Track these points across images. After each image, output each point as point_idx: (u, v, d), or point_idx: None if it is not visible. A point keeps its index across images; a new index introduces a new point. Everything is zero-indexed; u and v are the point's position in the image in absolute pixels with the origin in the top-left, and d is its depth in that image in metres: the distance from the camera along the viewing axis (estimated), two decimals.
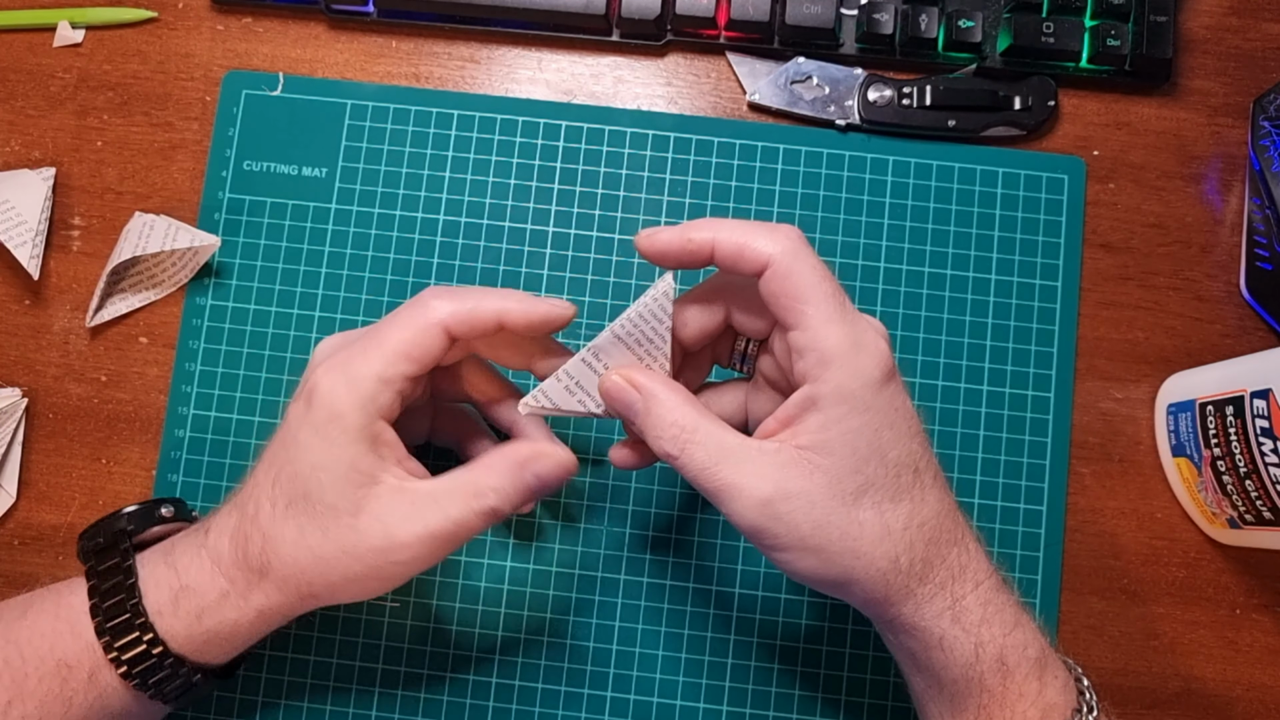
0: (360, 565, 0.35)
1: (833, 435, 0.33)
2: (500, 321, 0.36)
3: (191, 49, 0.50)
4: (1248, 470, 0.41)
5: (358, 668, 0.45)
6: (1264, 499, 0.41)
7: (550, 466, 0.36)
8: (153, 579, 0.37)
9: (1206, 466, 0.43)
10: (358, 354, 0.35)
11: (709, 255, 0.34)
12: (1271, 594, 0.46)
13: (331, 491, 0.35)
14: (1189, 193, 0.49)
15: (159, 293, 0.48)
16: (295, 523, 0.35)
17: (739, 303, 0.36)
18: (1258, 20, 0.50)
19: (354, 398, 0.34)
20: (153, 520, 0.40)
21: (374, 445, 0.35)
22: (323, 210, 0.48)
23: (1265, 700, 0.45)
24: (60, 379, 0.47)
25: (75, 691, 0.36)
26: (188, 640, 0.36)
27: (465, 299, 0.36)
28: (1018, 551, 0.46)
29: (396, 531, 0.34)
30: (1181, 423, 0.45)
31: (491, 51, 0.50)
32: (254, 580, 0.36)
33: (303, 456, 0.35)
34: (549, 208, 0.48)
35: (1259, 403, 0.40)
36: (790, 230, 0.34)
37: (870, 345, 0.33)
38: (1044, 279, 0.48)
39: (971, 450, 0.47)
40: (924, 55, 0.49)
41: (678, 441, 0.34)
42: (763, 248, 0.33)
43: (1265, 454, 0.40)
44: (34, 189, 0.47)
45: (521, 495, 0.36)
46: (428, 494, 0.35)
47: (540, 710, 0.45)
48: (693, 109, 0.50)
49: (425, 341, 0.35)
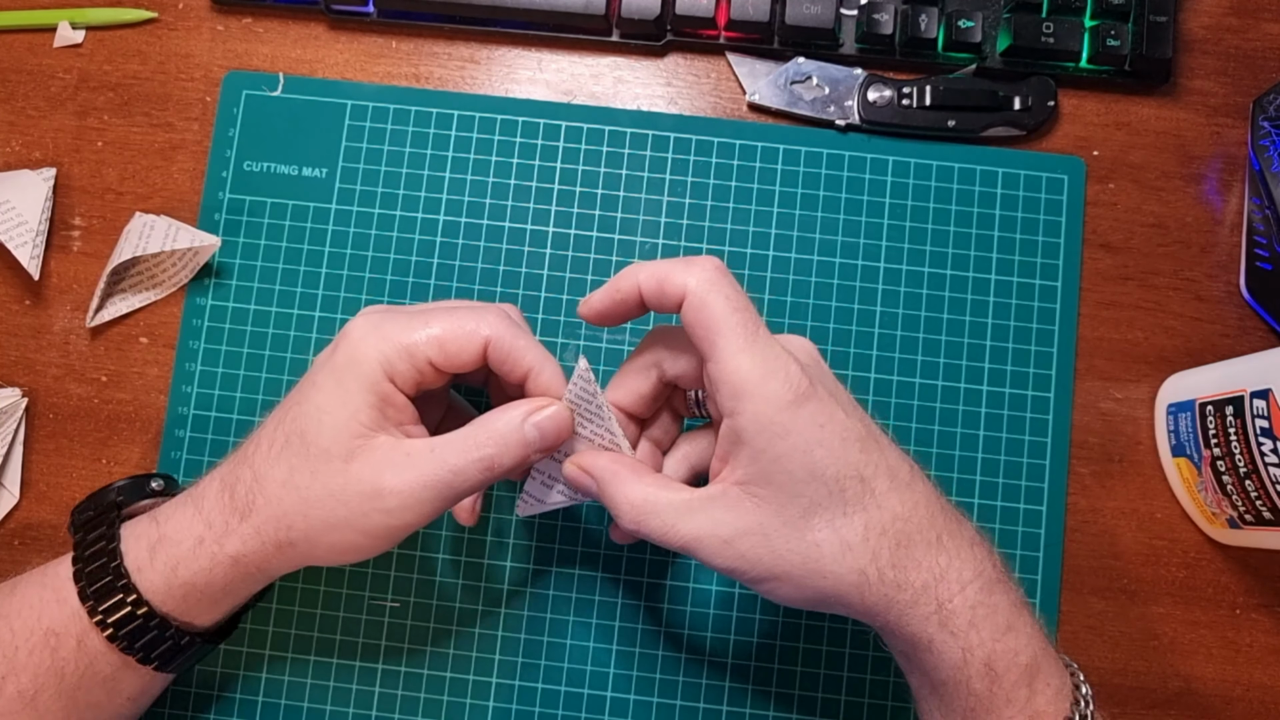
0: (345, 510, 0.35)
1: (764, 465, 0.33)
2: (527, 380, 0.37)
3: (191, 49, 0.50)
4: (1247, 470, 0.41)
5: (358, 668, 0.45)
6: (1264, 499, 0.41)
7: (548, 418, 0.36)
8: (134, 535, 0.37)
9: (1206, 466, 0.43)
10: (399, 319, 0.36)
11: (639, 299, 0.35)
12: (1271, 594, 0.46)
13: (329, 435, 0.35)
14: (1189, 193, 0.49)
15: (159, 293, 0.48)
16: (287, 463, 0.35)
17: (666, 356, 0.37)
18: (1258, 20, 0.50)
19: (376, 352, 0.35)
20: (143, 493, 0.40)
21: (382, 404, 0.35)
22: (323, 210, 0.48)
23: (1265, 700, 0.45)
24: (60, 379, 0.48)
25: (65, 660, 0.36)
26: (167, 594, 0.36)
27: (519, 336, 0.36)
28: (1018, 551, 0.46)
29: (387, 479, 0.34)
30: (1181, 423, 0.45)
31: (491, 51, 0.50)
32: (233, 523, 0.36)
33: (312, 396, 0.36)
34: (549, 208, 0.48)
35: (1259, 403, 0.40)
36: (708, 262, 0.34)
37: (780, 369, 0.33)
38: (1044, 279, 0.48)
39: (971, 450, 0.47)
40: (924, 55, 0.49)
41: (634, 516, 0.35)
42: (679, 280, 0.34)
43: (1265, 454, 0.40)
44: (34, 189, 0.47)
45: (520, 448, 0.36)
46: (425, 446, 0.35)
47: (540, 710, 0.45)
48: (693, 109, 0.50)
49: (461, 343, 0.36)
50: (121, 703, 0.38)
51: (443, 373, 0.36)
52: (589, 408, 0.37)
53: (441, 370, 0.36)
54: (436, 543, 0.46)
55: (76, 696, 0.36)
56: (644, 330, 0.43)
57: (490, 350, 0.36)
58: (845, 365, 0.47)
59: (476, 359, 0.36)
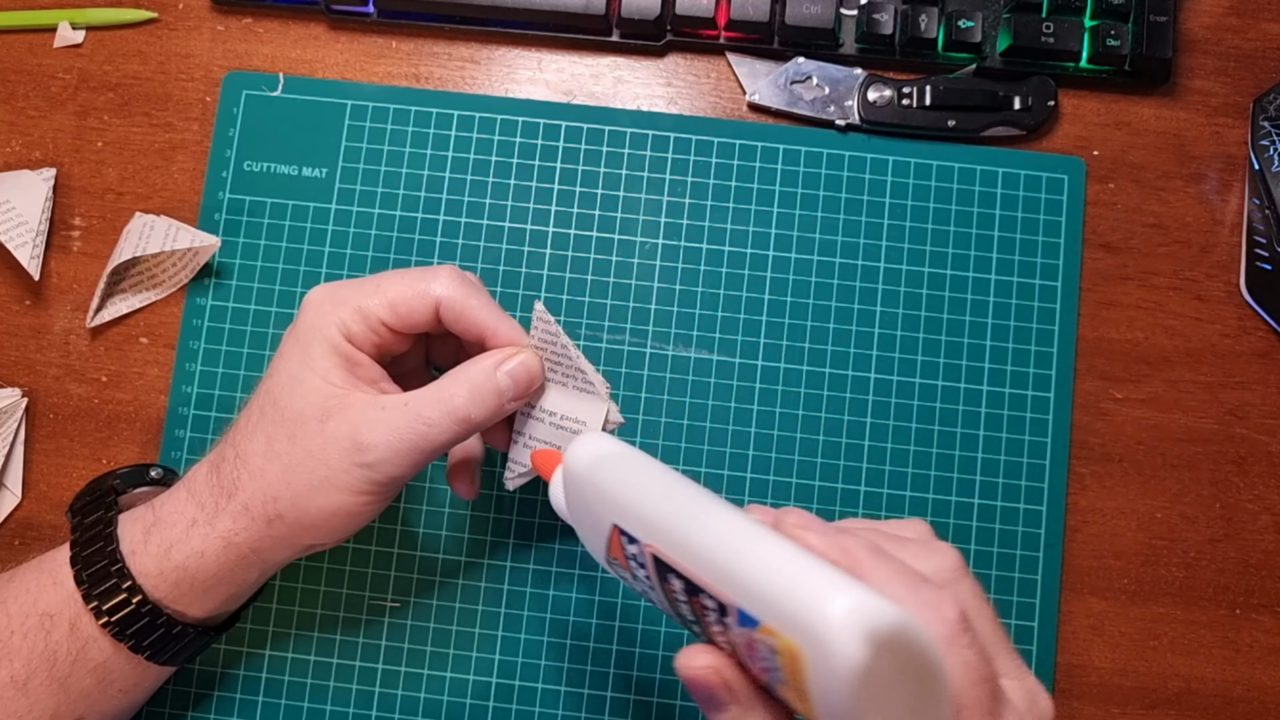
0: (326, 469, 0.35)
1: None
2: (485, 340, 0.37)
3: (192, 49, 0.50)
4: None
5: (358, 668, 0.45)
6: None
7: (519, 364, 0.36)
8: (130, 519, 0.37)
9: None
10: (355, 284, 0.37)
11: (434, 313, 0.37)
12: (1271, 594, 0.46)
13: (301, 399, 0.35)
14: (1189, 193, 0.49)
15: (159, 293, 0.48)
16: (264, 433, 0.36)
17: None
18: (1258, 20, 0.50)
19: (333, 314, 0.36)
20: (142, 480, 0.41)
21: (348, 364, 0.36)
22: (323, 210, 0.48)
23: (1265, 700, 0.45)
24: (61, 379, 0.48)
25: (58, 645, 0.36)
26: (159, 579, 0.36)
27: (471, 295, 0.37)
28: (1018, 551, 0.46)
29: (364, 434, 0.35)
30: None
31: (491, 51, 0.50)
32: (222, 503, 0.36)
33: (281, 366, 0.37)
34: (549, 208, 0.48)
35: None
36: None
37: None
38: (1044, 279, 0.48)
39: (971, 450, 0.47)
40: (924, 55, 0.49)
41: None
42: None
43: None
44: (34, 189, 0.47)
45: (494, 397, 0.36)
46: (399, 401, 0.36)
47: (540, 710, 0.45)
48: (693, 109, 0.50)
49: (413, 303, 0.36)
50: (113, 694, 0.37)
51: (399, 334, 0.37)
52: (555, 350, 0.37)
53: (396, 331, 0.37)
54: (436, 543, 0.46)
55: (68, 684, 0.36)
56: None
57: (443, 310, 0.37)
58: (845, 365, 0.47)
59: (430, 319, 0.37)
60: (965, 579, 0.29)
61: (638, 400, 0.47)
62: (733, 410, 0.47)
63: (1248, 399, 0.47)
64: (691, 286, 0.48)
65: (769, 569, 0.26)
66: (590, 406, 0.37)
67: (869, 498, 0.46)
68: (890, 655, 0.24)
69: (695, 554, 0.28)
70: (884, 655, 0.24)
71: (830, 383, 0.47)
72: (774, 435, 0.46)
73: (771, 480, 0.46)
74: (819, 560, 0.26)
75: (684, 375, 0.47)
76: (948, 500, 0.46)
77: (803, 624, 0.24)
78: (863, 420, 0.47)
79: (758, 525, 0.28)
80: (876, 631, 0.24)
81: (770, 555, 0.26)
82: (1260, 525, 0.46)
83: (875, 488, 0.46)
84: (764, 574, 0.26)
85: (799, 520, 0.29)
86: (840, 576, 0.25)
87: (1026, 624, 0.45)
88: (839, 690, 0.24)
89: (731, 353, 0.47)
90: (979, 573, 0.45)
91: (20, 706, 0.35)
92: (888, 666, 0.24)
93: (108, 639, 0.36)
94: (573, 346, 0.37)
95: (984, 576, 0.45)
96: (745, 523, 0.28)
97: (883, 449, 0.46)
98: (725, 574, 0.27)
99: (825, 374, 0.47)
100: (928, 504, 0.46)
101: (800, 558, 0.26)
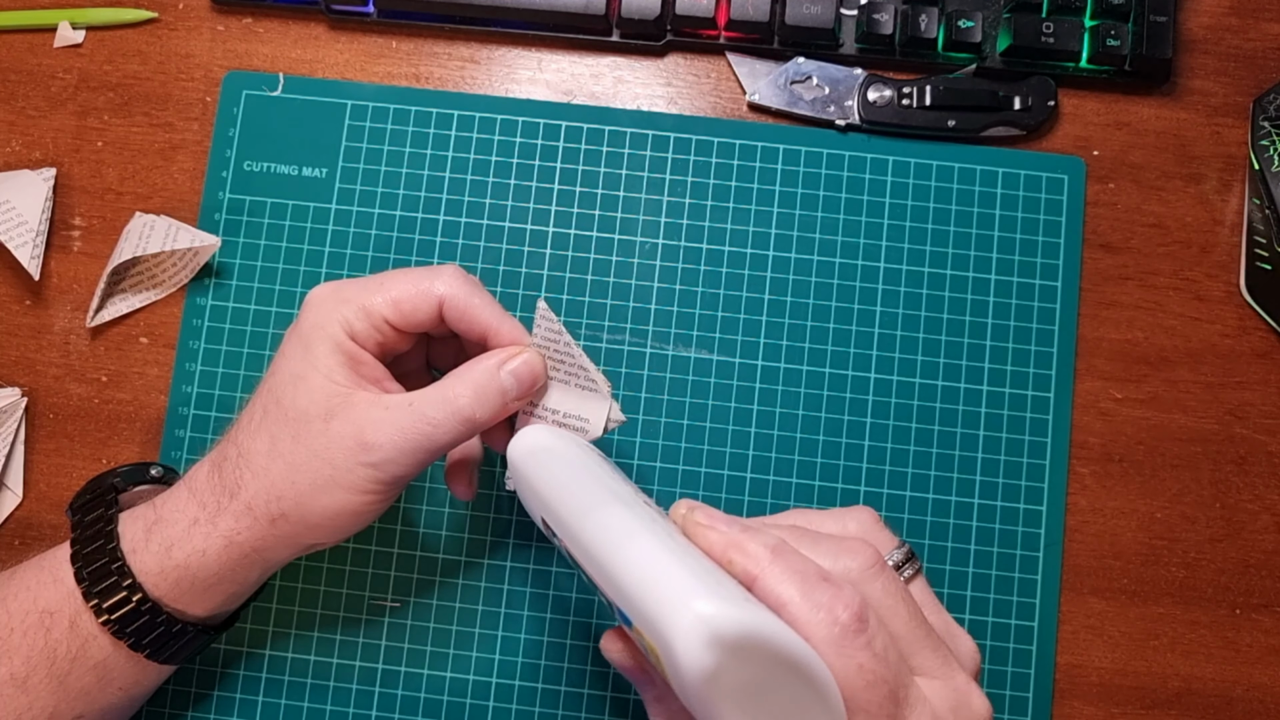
0: (330, 469, 0.35)
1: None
2: (488, 339, 0.37)
3: (192, 49, 0.50)
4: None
5: (358, 668, 0.45)
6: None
7: (522, 364, 0.36)
8: (131, 518, 0.37)
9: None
10: (358, 282, 0.37)
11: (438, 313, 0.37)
12: (1271, 594, 0.46)
13: (304, 398, 0.35)
14: (1189, 193, 0.49)
15: (159, 293, 0.48)
16: (268, 432, 0.36)
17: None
18: (1258, 20, 0.50)
19: (336, 313, 0.36)
20: (143, 478, 0.41)
21: (352, 362, 0.36)
22: (323, 210, 0.48)
23: (1265, 700, 0.45)
24: (61, 379, 0.48)
25: (58, 642, 0.36)
26: (160, 578, 0.36)
27: (474, 294, 0.37)
28: (1018, 551, 0.46)
29: (369, 433, 0.35)
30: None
31: (491, 52, 0.50)
32: (224, 501, 0.36)
33: (284, 365, 0.36)
34: (549, 208, 0.48)
35: None
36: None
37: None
38: (1044, 279, 0.48)
39: (971, 450, 0.47)
40: (924, 55, 0.49)
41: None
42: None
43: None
44: (34, 189, 0.47)
45: (497, 396, 0.36)
46: (403, 400, 0.35)
47: (540, 710, 0.45)
48: (693, 109, 0.50)
49: (416, 301, 0.36)
50: (112, 693, 0.37)
51: (402, 333, 0.37)
52: (557, 349, 0.37)
53: (399, 329, 0.37)
54: (436, 542, 0.46)
55: (67, 682, 0.36)
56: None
57: (446, 308, 0.37)
58: (845, 365, 0.47)
59: (433, 318, 0.37)
60: (878, 577, 0.29)
61: (638, 400, 0.47)
62: (733, 410, 0.47)
63: (1248, 399, 0.47)
64: (691, 286, 0.48)
65: (635, 572, 0.26)
66: (592, 405, 0.37)
67: (869, 498, 0.46)
68: (742, 660, 0.24)
69: (586, 552, 0.29)
70: (733, 660, 0.24)
71: (830, 383, 0.47)
72: (774, 435, 0.46)
73: (771, 480, 0.46)
74: (693, 563, 0.26)
75: (684, 375, 0.47)
76: (948, 500, 0.46)
77: (657, 629, 0.25)
78: (863, 420, 0.47)
79: (645, 525, 0.28)
80: (723, 638, 0.24)
81: (639, 558, 0.27)
82: (1260, 525, 0.46)
83: (875, 488, 0.46)
84: (630, 577, 0.26)
85: (703, 518, 0.29)
86: (700, 582, 0.25)
87: (1026, 624, 0.45)
88: (691, 693, 0.24)
89: (731, 353, 0.47)
90: (979, 573, 0.45)
91: (19, 704, 0.35)
92: (743, 671, 0.24)
93: (107, 637, 0.36)
94: (575, 345, 0.37)
95: (984, 576, 0.45)
96: (631, 523, 0.28)
97: (883, 449, 0.46)
98: (605, 574, 0.28)
99: (825, 374, 0.47)
100: (928, 504, 0.46)
101: (668, 561, 0.26)
